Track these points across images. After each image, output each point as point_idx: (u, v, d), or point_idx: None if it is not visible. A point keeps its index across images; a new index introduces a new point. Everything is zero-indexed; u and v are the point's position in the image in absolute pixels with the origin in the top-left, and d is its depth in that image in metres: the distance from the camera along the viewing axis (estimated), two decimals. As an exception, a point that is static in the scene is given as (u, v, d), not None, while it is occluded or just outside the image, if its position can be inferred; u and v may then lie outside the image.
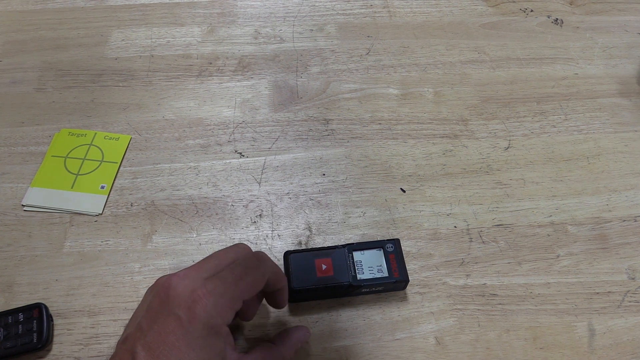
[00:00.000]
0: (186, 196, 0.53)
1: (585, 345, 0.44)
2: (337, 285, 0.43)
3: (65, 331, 0.44)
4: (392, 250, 0.45)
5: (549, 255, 0.49)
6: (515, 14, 0.71)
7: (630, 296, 0.47)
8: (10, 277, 0.47)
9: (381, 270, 0.44)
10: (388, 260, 0.45)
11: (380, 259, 0.45)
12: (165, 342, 0.31)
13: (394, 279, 0.44)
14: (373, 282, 0.44)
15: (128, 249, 0.49)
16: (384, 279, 0.44)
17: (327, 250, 0.45)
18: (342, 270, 0.44)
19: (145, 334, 0.32)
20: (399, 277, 0.44)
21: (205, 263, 0.36)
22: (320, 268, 0.44)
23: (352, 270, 0.44)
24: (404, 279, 0.44)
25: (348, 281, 0.43)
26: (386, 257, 0.45)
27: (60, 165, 0.54)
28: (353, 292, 0.45)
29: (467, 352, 0.44)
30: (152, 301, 0.34)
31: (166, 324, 0.32)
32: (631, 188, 0.54)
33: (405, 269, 0.45)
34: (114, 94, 0.61)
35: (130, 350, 0.32)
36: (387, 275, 0.44)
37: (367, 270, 0.44)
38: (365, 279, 0.44)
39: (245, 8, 0.71)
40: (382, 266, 0.45)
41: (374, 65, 0.65)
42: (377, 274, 0.44)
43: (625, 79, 0.64)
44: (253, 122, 0.59)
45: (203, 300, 0.32)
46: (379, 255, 0.45)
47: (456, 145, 0.57)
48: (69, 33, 0.67)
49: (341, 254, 0.45)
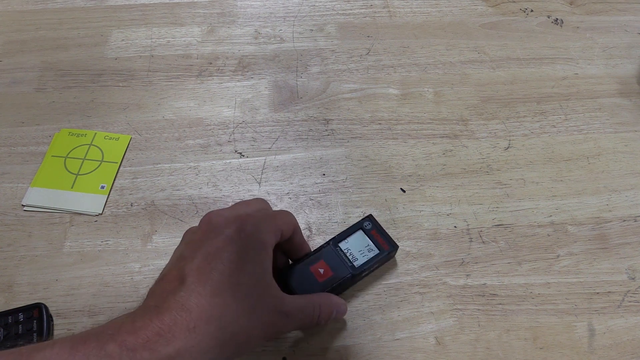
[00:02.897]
0: (186, 196, 0.53)
1: (585, 345, 0.44)
2: (341, 282, 0.43)
3: (65, 331, 0.44)
4: (371, 226, 0.47)
5: (549, 255, 0.49)
6: (515, 14, 0.71)
7: (630, 296, 0.47)
8: (10, 277, 0.47)
9: (371, 249, 0.45)
10: (372, 237, 0.46)
11: (365, 239, 0.46)
12: (217, 259, 0.32)
13: (386, 252, 0.46)
14: (370, 263, 0.45)
15: (128, 249, 0.49)
16: (377, 255, 0.45)
17: (315, 255, 0.45)
18: (339, 265, 0.44)
19: (192, 259, 0.32)
20: (390, 249, 0.46)
21: (236, 205, 0.38)
22: (319, 273, 0.44)
23: (347, 262, 0.44)
24: (394, 247, 0.46)
25: (350, 273, 0.44)
26: (369, 235, 0.46)
27: (60, 165, 0.54)
28: (356, 281, 0.46)
29: (467, 352, 0.44)
30: (192, 236, 0.35)
31: (215, 244, 0.33)
32: (631, 188, 0.54)
33: (390, 237, 0.47)
34: (114, 94, 0.61)
35: (178, 275, 0.31)
36: (378, 251, 0.45)
37: (359, 255, 0.45)
38: (363, 263, 0.45)
39: (245, 8, 0.71)
40: (369, 245, 0.46)
41: (374, 65, 0.65)
42: (369, 254, 0.45)
43: (625, 79, 0.64)
44: (253, 122, 0.59)
45: (250, 219, 0.35)
46: (362, 236, 0.46)
47: (456, 145, 0.57)
48: (69, 33, 0.67)
49: (329, 252, 0.45)
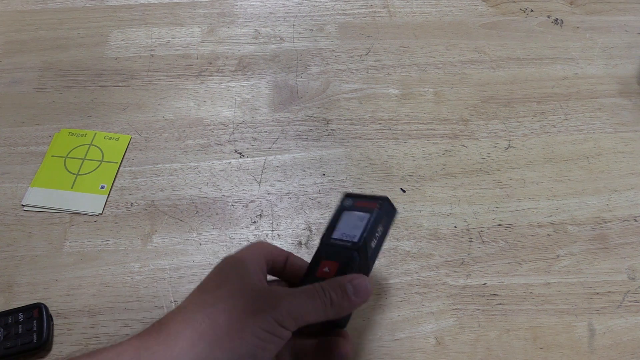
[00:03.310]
0: (186, 196, 0.53)
1: (585, 345, 0.44)
2: (352, 264, 0.37)
3: (65, 331, 0.44)
4: (351, 201, 0.40)
5: (549, 255, 0.49)
6: (515, 14, 0.71)
7: (630, 296, 0.47)
8: (10, 277, 0.47)
9: (362, 218, 0.38)
10: (358, 209, 0.39)
11: (352, 215, 0.39)
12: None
13: (376, 210, 0.38)
14: (368, 229, 0.38)
15: (128, 249, 0.49)
16: (370, 219, 0.38)
17: (314, 261, 0.38)
18: (341, 253, 0.37)
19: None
20: (379, 206, 0.39)
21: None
22: (327, 273, 0.37)
23: (347, 244, 0.38)
24: (382, 200, 0.39)
25: (354, 251, 0.37)
26: (354, 209, 0.39)
27: (60, 165, 0.54)
28: (371, 256, 0.39)
29: (467, 352, 0.44)
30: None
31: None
32: (631, 188, 0.54)
33: (374, 196, 0.40)
34: (114, 94, 0.61)
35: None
36: (368, 214, 0.38)
37: (355, 232, 0.38)
38: (360, 234, 0.38)
39: (245, 8, 0.71)
40: (359, 216, 0.39)
41: (374, 65, 0.65)
42: (361, 223, 0.38)
43: (625, 79, 0.64)
44: (253, 122, 0.59)
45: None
46: (348, 215, 0.39)
47: (456, 145, 0.57)
48: (69, 33, 0.67)
49: (326, 248, 0.38)
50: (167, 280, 0.47)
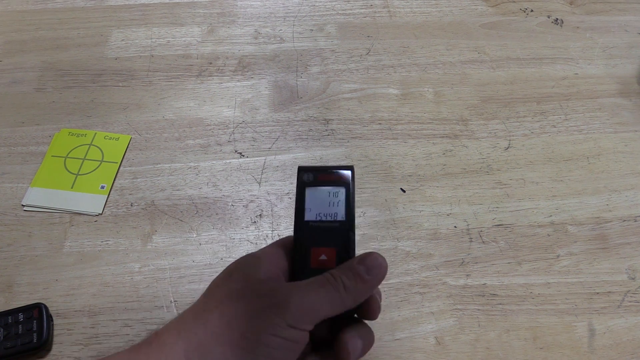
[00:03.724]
0: (186, 196, 0.53)
1: (585, 345, 0.44)
2: (352, 243, 0.34)
3: (65, 331, 0.44)
4: (312, 176, 0.36)
5: (549, 255, 0.49)
6: (515, 14, 0.71)
7: (630, 296, 0.47)
8: (10, 277, 0.47)
9: (336, 193, 0.35)
10: (324, 183, 0.35)
11: (320, 191, 0.35)
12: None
13: (353, 182, 0.35)
14: (350, 203, 0.35)
15: (128, 249, 0.49)
16: (347, 191, 0.35)
17: (299, 251, 0.34)
18: (330, 234, 0.34)
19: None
20: (348, 176, 0.35)
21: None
22: (323, 262, 0.34)
23: (334, 224, 0.34)
24: (349, 169, 0.36)
25: (348, 230, 0.34)
26: (319, 184, 0.35)
27: (60, 165, 0.54)
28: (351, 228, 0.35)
29: (467, 352, 0.44)
30: None
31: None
32: (631, 188, 0.54)
33: (338, 166, 0.36)
34: (114, 94, 0.61)
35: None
36: (343, 187, 0.35)
37: (335, 209, 0.35)
38: (345, 210, 0.35)
39: (245, 8, 0.71)
40: (330, 191, 0.35)
41: (374, 65, 0.65)
42: (339, 198, 0.35)
43: (625, 79, 0.64)
44: (253, 122, 0.59)
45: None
46: (314, 192, 0.35)
47: (456, 145, 0.57)
48: (69, 33, 0.67)
49: (307, 232, 0.34)
50: (167, 280, 0.47)
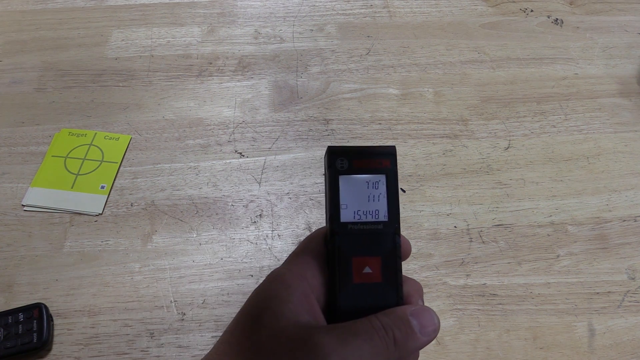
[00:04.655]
0: (186, 196, 0.53)
1: (585, 345, 0.44)
2: (398, 252, 0.29)
3: (65, 331, 0.44)
4: (347, 162, 0.30)
5: (549, 255, 0.49)
6: (515, 14, 0.71)
7: (630, 296, 0.47)
8: (10, 277, 0.47)
9: (377, 183, 0.30)
10: (362, 170, 0.30)
11: (355, 180, 0.30)
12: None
13: (394, 168, 0.30)
14: (395, 196, 0.29)
15: (128, 249, 0.49)
16: (390, 181, 0.30)
17: (338, 260, 0.28)
18: (373, 239, 0.29)
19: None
20: (391, 162, 0.30)
21: None
22: (368, 275, 0.29)
23: (378, 226, 0.29)
24: (391, 154, 0.30)
25: (393, 234, 0.29)
26: (355, 171, 0.30)
27: (60, 165, 0.54)
28: (392, 229, 0.29)
29: (467, 352, 0.44)
30: None
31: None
32: (631, 188, 0.54)
33: (374, 147, 0.31)
34: (114, 94, 0.61)
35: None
36: (384, 175, 0.30)
37: (377, 205, 0.29)
38: (389, 208, 0.29)
39: (245, 8, 0.71)
40: (368, 180, 0.30)
41: (374, 65, 0.65)
42: (380, 190, 0.30)
43: (625, 79, 0.64)
44: (253, 122, 0.59)
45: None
46: (348, 181, 0.30)
47: (456, 145, 0.57)
48: (69, 33, 0.67)
49: (347, 237, 0.29)
50: (167, 280, 0.47)
